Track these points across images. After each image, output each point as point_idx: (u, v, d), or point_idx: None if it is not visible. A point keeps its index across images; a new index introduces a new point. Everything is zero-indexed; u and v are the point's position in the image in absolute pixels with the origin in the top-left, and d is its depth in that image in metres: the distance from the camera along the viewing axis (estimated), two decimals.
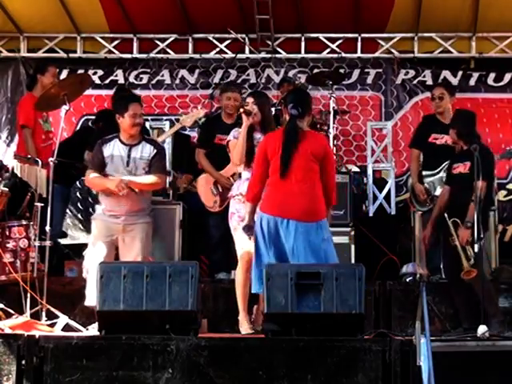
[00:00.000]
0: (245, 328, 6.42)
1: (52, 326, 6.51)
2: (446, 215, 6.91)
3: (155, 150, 6.90)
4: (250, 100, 6.76)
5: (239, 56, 10.06)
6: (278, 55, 10.18)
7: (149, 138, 7.14)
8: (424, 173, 8.01)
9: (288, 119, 6.29)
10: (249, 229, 6.27)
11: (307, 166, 6.16)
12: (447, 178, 7.33)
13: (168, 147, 8.63)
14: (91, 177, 6.89)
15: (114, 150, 6.84)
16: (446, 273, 7.29)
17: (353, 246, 7.94)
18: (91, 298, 6.39)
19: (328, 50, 10.12)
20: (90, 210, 9.23)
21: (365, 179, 8.97)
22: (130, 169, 6.81)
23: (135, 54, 10.22)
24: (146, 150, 6.87)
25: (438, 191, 7.67)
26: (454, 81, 9.97)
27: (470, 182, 6.70)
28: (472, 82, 10.05)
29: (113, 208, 6.77)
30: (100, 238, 6.78)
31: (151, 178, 6.83)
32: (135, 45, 10.19)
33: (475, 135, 7.10)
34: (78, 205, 9.89)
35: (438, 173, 7.88)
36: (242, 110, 6.69)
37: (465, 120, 7.19)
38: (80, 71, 9.91)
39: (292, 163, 6.13)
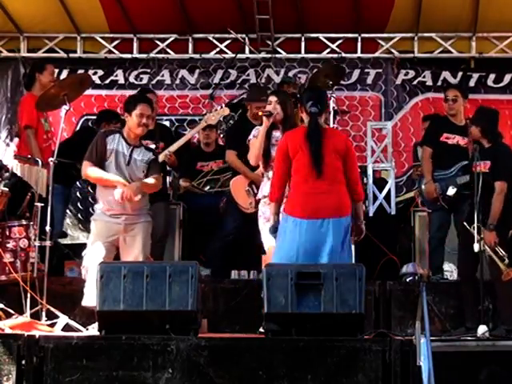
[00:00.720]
0: None
1: (52, 326, 6.51)
2: (464, 223, 6.83)
3: (153, 156, 6.92)
4: (272, 99, 6.77)
5: (239, 56, 10.07)
6: (278, 55, 10.18)
7: (147, 146, 7.09)
8: (436, 173, 7.91)
9: (309, 118, 6.27)
10: (275, 230, 6.24)
11: (332, 164, 6.17)
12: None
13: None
14: (93, 170, 6.75)
15: (118, 145, 6.77)
16: (461, 271, 7.19)
17: (353, 246, 7.93)
18: (90, 299, 6.39)
19: (328, 50, 10.12)
20: (90, 209, 9.23)
21: (365, 179, 8.96)
22: (130, 168, 6.79)
23: (135, 54, 10.22)
24: (146, 154, 6.85)
25: (451, 191, 7.60)
26: (454, 82, 9.96)
27: (490, 182, 6.67)
28: (472, 82, 10.05)
29: (113, 207, 6.75)
30: (100, 238, 6.73)
31: (155, 180, 6.84)
32: (135, 45, 10.19)
33: (498, 134, 7.10)
34: (78, 205, 9.90)
35: (450, 173, 7.82)
36: (260, 113, 6.71)
37: (489, 117, 7.14)
38: (80, 71, 9.91)
39: (323, 161, 6.13)
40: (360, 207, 6.38)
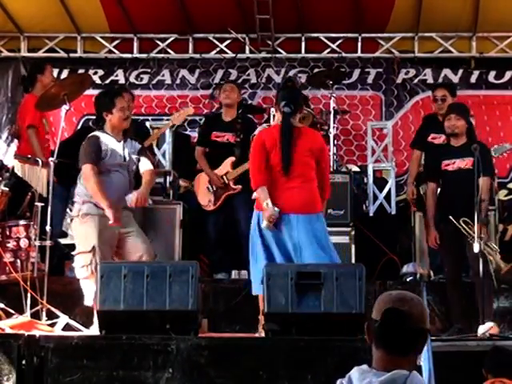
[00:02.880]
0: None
1: (52, 325, 6.51)
2: (451, 217, 6.82)
3: (139, 145, 6.94)
4: None
5: (239, 56, 10.07)
6: (278, 55, 10.17)
7: (130, 136, 7.01)
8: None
9: (282, 117, 6.31)
10: (275, 216, 6.08)
11: (305, 162, 6.22)
12: (436, 173, 7.21)
13: (168, 147, 8.66)
14: (94, 182, 6.60)
15: (110, 144, 6.74)
16: (449, 273, 7.18)
17: (353, 246, 7.93)
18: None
19: (328, 49, 10.11)
20: None
21: (365, 179, 8.96)
22: (127, 164, 6.77)
23: (135, 54, 10.21)
24: (133, 145, 6.86)
25: (422, 190, 7.62)
26: (455, 79, 9.97)
27: (473, 179, 6.66)
28: (473, 79, 10.04)
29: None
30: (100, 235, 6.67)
31: (153, 175, 6.86)
32: (135, 45, 10.18)
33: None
34: None
35: None
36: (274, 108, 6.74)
37: (468, 113, 7.17)
38: (80, 71, 9.90)
39: (291, 160, 6.15)
40: (324, 204, 6.46)
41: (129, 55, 10.21)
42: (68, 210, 9.40)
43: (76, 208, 6.76)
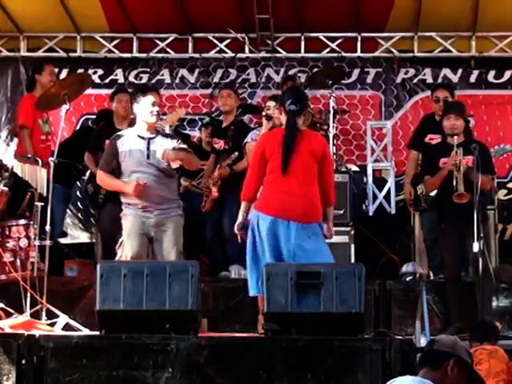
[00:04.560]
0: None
1: (52, 325, 6.51)
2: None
3: (175, 139, 6.80)
4: (271, 104, 6.75)
5: (239, 55, 10.07)
6: (277, 54, 10.16)
7: (165, 133, 7.01)
8: (426, 177, 7.87)
9: (287, 116, 6.26)
10: (242, 226, 6.21)
11: (307, 166, 6.15)
12: (434, 171, 7.15)
13: None
14: (104, 178, 6.74)
15: (131, 145, 6.67)
16: (448, 272, 7.17)
17: (353, 246, 7.94)
18: None
19: (328, 49, 10.11)
20: (90, 209, 9.23)
21: (364, 178, 8.97)
22: (152, 162, 6.65)
23: (135, 54, 10.20)
24: (167, 142, 6.71)
25: (419, 190, 7.63)
26: (455, 78, 9.97)
27: (473, 177, 6.67)
28: (472, 78, 10.04)
29: (143, 203, 6.60)
30: (133, 232, 6.61)
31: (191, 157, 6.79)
32: (135, 44, 10.18)
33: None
34: (78, 204, 9.88)
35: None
36: (263, 114, 6.71)
37: (466, 112, 7.18)
38: (80, 70, 9.89)
39: (292, 162, 6.11)
40: (331, 210, 6.36)
41: (128, 55, 10.21)
42: (68, 210, 9.44)
43: None
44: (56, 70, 9.04)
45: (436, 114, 8.13)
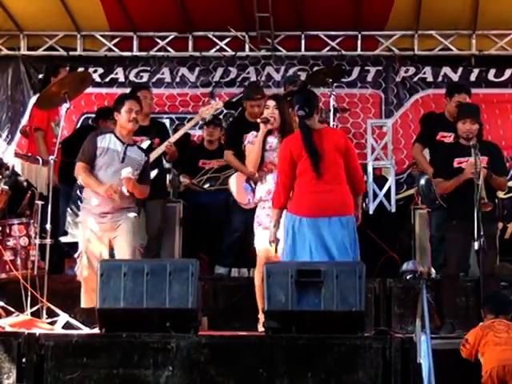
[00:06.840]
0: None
1: (52, 324, 6.52)
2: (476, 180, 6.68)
3: (146, 158, 6.98)
4: (271, 104, 6.73)
5: (239, 54, 10.08)
6: (278, 53, 10.17)
7: (140, 146, 7.15)
8: (439, 179, 7.79)
9: (298, 121, 6.29)
10: (275, 237, 6.21)
11: (335, 162, 6.19)
12: (449, 171, 7.13)
13: None
14: (82, 172, 6.83)
15: (110, 143, 6.81)
16: (449, 269, 7.14)
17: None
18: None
19: (328, 47, 10.11)
20: None
21: (365, 177, 8.96)
22: (125, 165, 6.77)
23: (135, 52, 10.21)
24: (139, 154, 6.91)
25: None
26: (455, 77, 9.98)
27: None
28: (472, 77, 10.04)
29: (102, 207, 6.74)
30: (94, 238, 6.74)
31: (146, 188, 6.90)
32: (135, 43, 10.18)
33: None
34: (79, 203, 9.85)
35: None
36: (259, 120, 6.66)
37: (480, 115, 7.17)
38: (80, 69, 9.89)
39: (321, 162, 6.13)
40: (360, 199, 6.45)
41: (128, 53, 10.21)
42: (69, 208, 9.43)
43: None
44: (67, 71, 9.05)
45: (450, 116, 7.95)
